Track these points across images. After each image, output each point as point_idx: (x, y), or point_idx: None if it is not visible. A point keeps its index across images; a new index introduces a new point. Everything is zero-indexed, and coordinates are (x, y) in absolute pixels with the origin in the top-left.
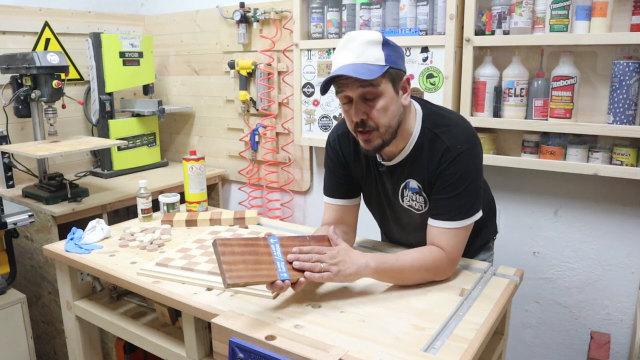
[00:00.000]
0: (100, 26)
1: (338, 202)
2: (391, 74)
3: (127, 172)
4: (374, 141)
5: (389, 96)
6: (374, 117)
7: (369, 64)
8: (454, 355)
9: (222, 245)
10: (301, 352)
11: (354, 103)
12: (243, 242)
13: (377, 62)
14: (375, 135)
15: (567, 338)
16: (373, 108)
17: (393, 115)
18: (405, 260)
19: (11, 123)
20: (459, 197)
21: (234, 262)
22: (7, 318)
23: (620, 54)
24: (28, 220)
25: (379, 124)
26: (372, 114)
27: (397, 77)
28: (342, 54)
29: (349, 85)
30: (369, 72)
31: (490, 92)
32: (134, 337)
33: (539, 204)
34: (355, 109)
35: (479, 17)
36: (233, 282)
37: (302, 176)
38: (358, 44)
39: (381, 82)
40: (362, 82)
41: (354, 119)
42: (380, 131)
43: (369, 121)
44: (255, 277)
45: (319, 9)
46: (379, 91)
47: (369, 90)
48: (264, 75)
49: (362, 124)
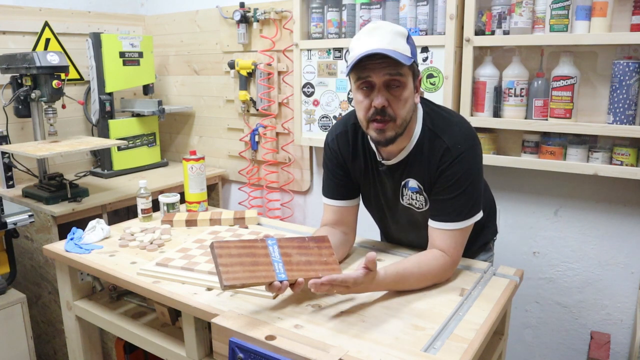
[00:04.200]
0: (100, 26)
1: (337, 203)
2: (414, 69)
3: (127, 172)
4: (387, 132)
5: (410, 89)
6: (395, 106)
7: (399, 52)
8: (454, 355)
9: (219, 247)
10: (301, 352)
11: (377, 89)
12: (240, 244)
13: (405, 53)
14: (391, 126)
15: (567, 338)
16: (396, 97)
17: (410, 109)
18: (412, 270)
19: (11, 123)
20: (459, 198)
21: (230, 263)
22: (7, 318)
23: (620, 54)
24: (28, 220)
25: (397, 114)
26: (394, 103)
27: (417, 73)
28: (370, 39)
29: (376, 69)
30: (403, 58)
31: (490, 92)
32: (134, 337)
33: (539, 204)
34: (379, 94)
35: (479, 17)
36: (230, 284)
37: (302, 176)
38: (387, 32)
39: (407, 73)
40: (391, 69)
41: (376, 104)
42: (397, 122)
43: (389, 109)
44: (252, 278)
45: (319, 9)
46: (405, 81)
47: (396, 78)
48: (264, 75)
49: (382, 112)
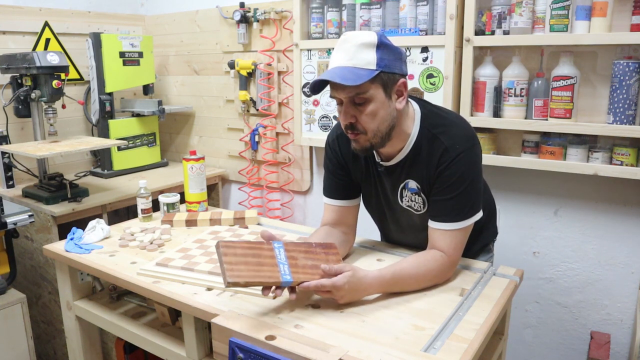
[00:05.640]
0: (100, 26)
1: (337, 202)
2: (382, 79)
3: (127, 172)
4: (361, 143)
5: (378, 101)
6: (362, 121)
7: (359, 68)
8: (454, 355)
9: (225, 246)
10: (301, 352)
11: (344, 106)
12: (246, 245)
13: (367, 66)
14: (363, 138)
15: (567, 338)
16: (362, 112)
17: (383, 120)
18: (410, 271)
19: (11, 123)
20: (458, 198)
21: (235, 262)
22: (7, 318)
23: (620, 54)
24: (28, 220)
25: (366, 128)
26: (360, 118)
27: (389, 81)
28: (336, 55)
29: (338, 90)
30: (355, 78)
31: (490, 92)
32: (134, 337)
33: (539, 204)
34: (344, 112)
35: (479, 17)
36: (233, 281)
37: (302, 176)
38: (351, 46)
39: (370, 88)
40: (349, 90)
41: (342, 121)
42: (368, 135)
43: (357, 125)
44: (256, 277)
45: (319, 9)
46: (367, 96)
47: (357, 95)
48: (264, 75)
49: (351, 127)
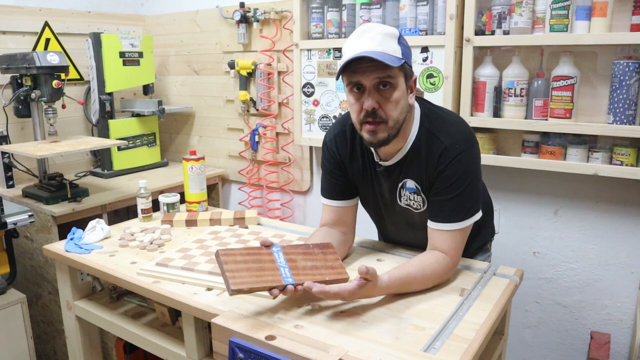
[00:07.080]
0: (100, 26)
1: (336, 203)
2: (405, 69)
3: (127, 172)
4: (379, 133)
5: (401, 90)
6: (386, 108)
7: (389, 54)
8: (454, 355)
9: (224, 255)
10: (301, 352)
11: (367, 91)
12: (245, 252)
13: (395, 54)
14: (383, 127)
15: (567, 338)
16: (386, 99)
17: (402, 110)
18: (415, 275)
19: (11, 123)
20: (458, 198)
21: (237, 269)
22: (7, 318)
23: (620, 54)
24: (28, 220)
25: (389, 115)
26: (384, 104)
27: (409, 73)
28: (360, 42)
29: (366, 72)
30: (391, 60)
31: (490, 92)
32: (134, 337)
33: (539, 204)
34: (370, 96)
35: (479, 17)
36: (237, 288)
37: (302, 176)
38: (376, 34)
39: (398, 74)
40: (380, 71)
41: (366, 106)
42: (388, 124)
43: (379, 111)
44: (259, 282)
45: (319, 9)
46: (395, 82)
47: (386, 79)
48: (264, 75)
49: (373, 114)
